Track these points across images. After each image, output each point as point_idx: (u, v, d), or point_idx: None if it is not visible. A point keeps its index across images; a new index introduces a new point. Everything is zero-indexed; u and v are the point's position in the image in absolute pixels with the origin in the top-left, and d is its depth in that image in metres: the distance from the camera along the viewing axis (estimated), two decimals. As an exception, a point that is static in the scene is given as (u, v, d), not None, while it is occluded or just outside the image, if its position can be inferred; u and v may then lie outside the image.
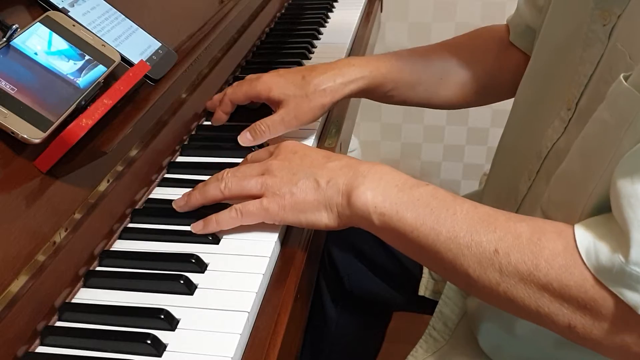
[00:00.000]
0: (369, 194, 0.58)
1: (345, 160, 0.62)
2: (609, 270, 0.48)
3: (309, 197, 0.60)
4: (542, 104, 0.70)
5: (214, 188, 0.63)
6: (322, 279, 0.96)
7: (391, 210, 0.57)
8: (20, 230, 0.53)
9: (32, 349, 0.52)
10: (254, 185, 0.62)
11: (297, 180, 0.61)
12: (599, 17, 0.59)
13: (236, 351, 0.51)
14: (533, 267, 0.51)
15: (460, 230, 0.54)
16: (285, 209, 0.60)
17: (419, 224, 0.56)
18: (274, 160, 0.63)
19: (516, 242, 0.52)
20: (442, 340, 0.82)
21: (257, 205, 0.61)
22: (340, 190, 0.60)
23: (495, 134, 1.81)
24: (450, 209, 0.56)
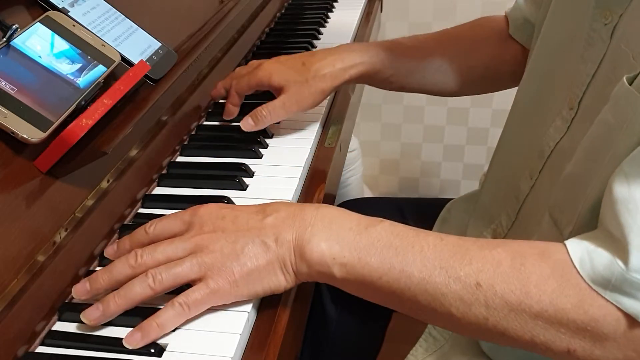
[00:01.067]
0: (324, 245, 0.53)
1: (283, 211, 0.56)
2: (607, 279, 0.46)
3: (260, 262, 0.53)
4: (543, 103, 0.70)
5: (141, 286, 0.52)
6: (322, 279, 0.96)
7: (352, 259, 0.52)
8: (20, 230, 0.53)
9: (32, 349, 0.52)
10: (190, 269, 0.52)
11: (242, 248, 0.53)
12: (599, 15, 0.59)
13: (236, 351, 0.51)
14: (523, 296, 0.48)
15: (434, 269, 0.50)
16: (237, 284, 0.52)
17: (386, 268, 0.51)
18: (201, 235, 0.54)
19: (498, 272, 0.49)
20: (441, 340, 0.82)
21: (204, 290, 0.52)
22: (292, 246, 0.53)
23: (495, 134, 1.81)
24: (415, 245, 0.52)
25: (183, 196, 0.71)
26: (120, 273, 0.54)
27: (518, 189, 0.72)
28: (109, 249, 0.59)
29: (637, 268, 0.45)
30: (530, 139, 0.71)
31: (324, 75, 0.79)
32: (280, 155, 0.78)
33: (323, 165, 0.78)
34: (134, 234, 0.58)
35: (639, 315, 0.46)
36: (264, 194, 0.69)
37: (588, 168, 0.55)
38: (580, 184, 0.56)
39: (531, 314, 0.48)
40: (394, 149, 1.92)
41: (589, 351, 0.47)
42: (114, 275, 0.54)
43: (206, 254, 0.53)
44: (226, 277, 0.52)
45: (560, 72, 0.67)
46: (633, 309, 0.45)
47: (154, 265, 0.53)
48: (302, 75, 0.79)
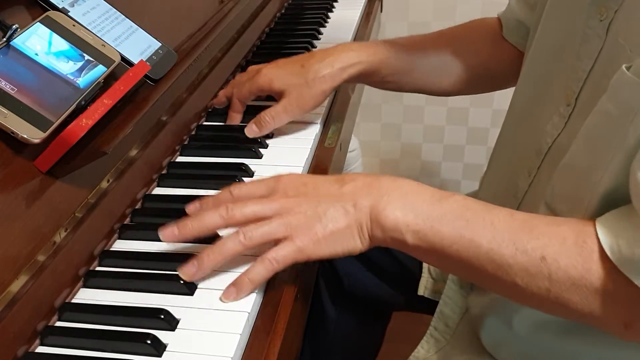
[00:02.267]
0: (399, 213, 0.56)
1: (360, 180, 0.60)
2: (631, 260, 0.48)
3: (340, 225, 0.57)
4: (540, 101, 0.71)
5: (233, 243, 0.57)
6: (321, 279, 0.96)
7: (425, 227, 0.55)
8: (20, 230, 0.53)
9: (32, 349, 0.52)
10: (277, 228, 0.57)
11: (324, 212, 0.57)
12: (595, 12, 0.60)
13: (236, 351, 0.51)
14: (584, 271, 0.50)
15: (502, 241, 0.53)
16: (320, 243, 0.57)
17: (457, 237, 0.54)
18: (286, 198, 0.59)
19: (563, 247, 0.51)
20: (443, 340, 0.82)
21: (291, 248, 0.56)
22: (368, 212, 0.57)
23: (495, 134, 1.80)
24: (486, 218, 0.54)
25: (183, 196, 0.71)
26: (210, 221, 0.58)
27: (517, 187, 0.73)
28: (191, 206, 0.61)
29: None
30: (528, 137, 0.71)
31: (323, 77, 0.80)
32: (280, 155, 0.78)
33: (323, 165, 0.78)
34: (218, 195, 0.61)
35: None
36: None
37: (590, 158, 0.56)
38: (583, 175, 0.56)
39: (591, 288, 0.50)
40: (394, 149, 1.92)
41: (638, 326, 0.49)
42: (204, 222, 0.58)
43: (292, 215, 0.57)
44: (310, 236, 0.56)
45: (557, 70, 0.67)
46: None
47: (242, 220, 0.57)
48: (302, 77, 0.80)
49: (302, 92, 0.79)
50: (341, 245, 0.58)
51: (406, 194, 0.57)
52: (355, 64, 0.82)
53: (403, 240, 0.56)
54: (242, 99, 0.84)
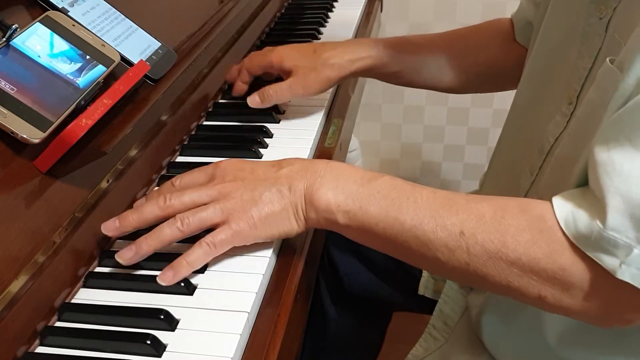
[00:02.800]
0: (330, 194, 0.58)
1: (298, 164, 0.62)
2: (588, 237, 0.49)
3: (275, 207, 0.59)
4: (542, 100, 0.71)
5: (171, 229, 0.58)
6: (321, 279, 0.96)
7: (354, 207, 0.58)
8: (20, 230, 0.52)
9: (31, 349, 0.52)
10: (214, 213, 0.58)
11: (260, 195, 0.59)
12: (595, 10, 0.61)
13: (236, 351, 0.51)
14: (500, 245, 0.52)
15: (424, 217, 0.55)
16: (256, 226, 0.58)
17: (383, 215, 0.56)
18: (223, 184, 0.60)
19: (480, 223, 0.53)
20: (441, 339, 0.82)
21: (227, 232, 0.58)
22: (303, 194, 0.59)
23: (495, 134, 1.80)
24: (410, 197, 0.57)
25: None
26: (149, 213, 0.59)
27: (518, 186, 0.73)
28: (138, 202, 0.64)
29: (613, 226, 0.48)
30: (530, 136, 0.72)
31: (332, 65, 0.84)
32: (280, 155, 0.77)
33: (323, 165, 0.78)
34: (161, 187, 0.64)
35: (615, 269, 0.48)
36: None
37: (576, 148, 0.57)
38: (570, 165, 0.58)
39: (507, 261, 0.52)
40: (394, 149, 1.92)
41: (558, 298, 0.52)
42: (144, 214, 0.59)
43: (228, 200, 0.59)
44: (246, 220, 0.58)
45: (558, 69, 0.68)
46: (611, 264, 0.48)
47: (181, 208, 0.59)
48: (312, 61, 0.84)
49: (308, 74, 0.83)
50: (277, 228, 0.59)
51: (338, 175, 0.60)
52: (364, 58, 0.85)
53: (335, 221, 0.59)
54: (251, 71, 0.87)
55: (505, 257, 0.52)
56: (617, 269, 0.48)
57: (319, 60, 0.84)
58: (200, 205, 0.59)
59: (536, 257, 0.51)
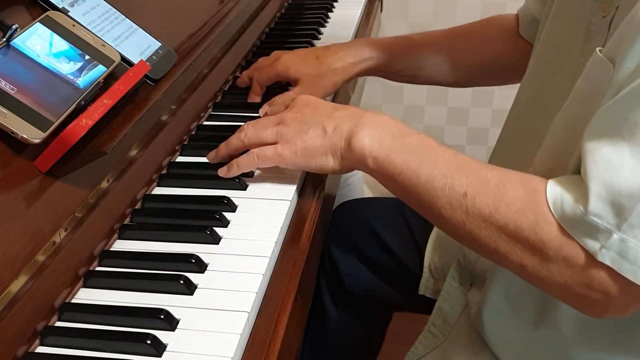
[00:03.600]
0: (367, 140, 0.64)
1: (351, 110, 0.68)
2: (572, 219, 0.52)
3: (317, 143, 0.66)
4: (544, 98, 0.71)
5: (235, 139, 0.70)
6: (322, 279, 0.96)
7: (383, 155, 0.63)
8: (20, 230, 0.52)
9: (32, 349, 0.52)
10: (270, 134, 0.68)
11: (307, 129, 0.67)
12: (598, 9, 0.61)
13: (236, 351, 0.51)
14: (494, 210, 0.55)
15: (438, 175, 0.59)
16: (297, 154, 0.67)
17: (405, 167, 0.61)
18: (288, 113, 0.70)
19: (483, 187, 0.56)
20: (441, 337, 0.82)
21: (273, 151, 0.67)
22: (344, 136, 0.65)
23: (495, 134, 1.80)
24: (433, 155, 0.61)
25: (183, 196, 0.71)
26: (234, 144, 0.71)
27: None
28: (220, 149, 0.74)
29: (594, 212, 0.50)
30: (532, 134, 0.72)
31: (335, 69, 0.86)
32: (280, 155, 0.78)
33: (323, 165, 0.78)
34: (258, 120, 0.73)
35: (595, 252, 0.51)
36: (263, 194, 0.69)
37: (564, 136, 0.59)
38: (561, 153, 0.59)
39: (497, 226, 0.55)
40: (394, 149, 1.92)
41: (537, 268, 0.54)
42: (230, 146, 0.72)
43: (284, 126, 0.69)
44: (291, 146, 0.67)
45: (561, 68, 0.68)
46: (592, 247, 0.51)
47: (255, 135, 0.70)
48: (316, 68, 0.86)
49: (314, 81, 0.86)
50: (314, 160, 0.67)
51: (379, 125, 0.65)
52: (367, 59, 0.88)
53: (365, 164, 0.64)
54: (262, 83, 0.89)
55: (496, 222, 0.55)
56: (597, 252, 0.50)
57: (323, 66, 0.86)
58: None
59: (521, 226, 0.54)
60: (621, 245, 0.49)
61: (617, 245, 0.50)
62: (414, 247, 0.91)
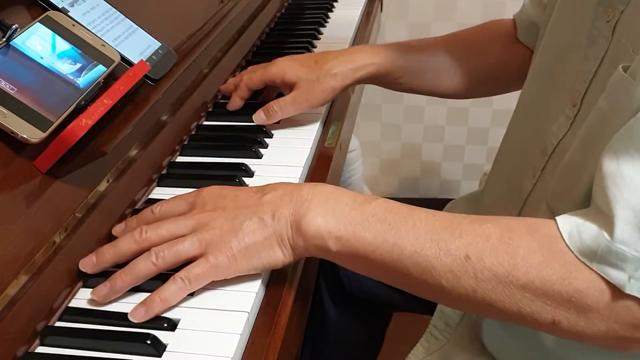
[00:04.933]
0: (320, 220, 0.55)
1: (282, 189, 0.58)
2: (594, 250, 0.47)
3: (257, 237, 0.55)
4: (547, 102, 0.71)
5: (144, 263, 0.55)
6: (322, 279, 0.96)
7: (347, 232, 0.54)
8: (20, 230, 0.52)
9: (31, 349, 0.52)
10: (191, 246, 0.55)
11: (240, 225, 0.55)
12: (602, 13, 0.61)
13: (236, 351, 0.51)
14: (511, 268, 0.49)
15: (426, 242, 0.52)
16: (236, 258, 0.55)
17: (380, 241, 0.53)
18: (202, 213, 0.57)
19: (487, 245, 0.50)
20: (443, 339, 0.82)
21: (204, 265, 0.54)
22: (288, 221, 0.56)
23: (495, 134, 1.81)
24: (408, 220, 0.53)
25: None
26: (125, 247, 0.57)
27: (521, 188, 0.73)
28: (117, 227, 0.62)
29: (622, 239, 0.46)
30: (534, 137, 0.72)
31: (335, 74, 0.82)
32: (280, 155, 0.78)
33: (323, 165, 0.78)
34: (140, 214, 0.61)
35: (624, 285, 0.47)
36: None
37: (585, 156, 0.57)
38: (578, 172, 0.57)
39: (518, 285, 0.49)
40: (394, 149, 1.92)
41: (574, 322, 0.49)
42: (120, 249, 0.57)
43: (206, 231, 0.55)
44: (225, 252, 0.54)
45: (564, 71, 0.68)
46: (618, 279, 0.47)
47: (158, 241, 0.56)
48: (314, 73, 0.82)
49: (312, 86, 0.81)
50: (260, 259, 0.56)
51: (327, 199, 0.56)
52: (367, 66, 0.84)
53: (326, 248, 0.55)
54: (251, 86, 0.85)
55: (516, 280, 0.49)
56: (625, 284, 0.47)
57: (321, 71, 0.82)
58: (178, 237, 0.56)
59: (550, 280, 0.48)
60: None
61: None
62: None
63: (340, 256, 0.55)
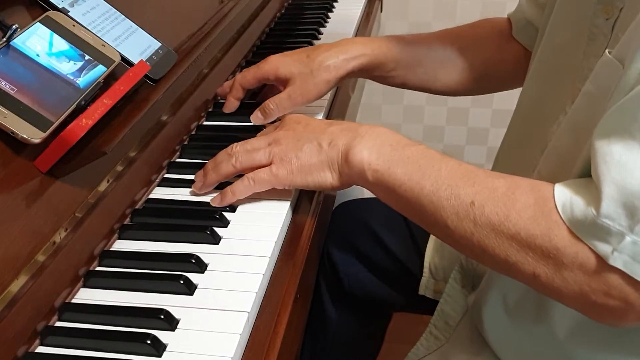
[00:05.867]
0: (365, 152, 0.62)
1: (346, 124, 0.67)
2: (582, 222, 0.50)
3: (313, 159, 0.65)
4: (547, 101, 0.71)
5: (226, 164, 0.67)
6: (322, 279, 0.96)
7: (383, 167, 0.61)
8: (20, 230, 0.52)
9: (32, 349, 0.52)
10: (262, 155, 0.66)
11: (302, 145, 0.65)
12: (601, 11, 0.61)
13: (236, 351, 0.51)
14: (504, 218, 0.54)
15: (442, 184, 0.58)
16: (293, 172, 0.65)
17: (407, 179, 0.60)
18: (279, 131, 0.67)
19: (492, 195, 0.55)
20: (442, 339, 0.82)
21: (268, 172, 0.65)
22: (340, 150, 0.64)
23: (495, 134, 1.81)
24: (436, 165, 0.59)
25: (183, 196, 0.71)
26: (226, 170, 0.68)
27: None
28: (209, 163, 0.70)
29: (606, 214, 0.49)
30: (534, 136, 0.72)
31: (327, 66, 0.82)
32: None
33: (323, 165, 0.78)
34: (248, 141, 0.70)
35: (607, 256, 0.49)
36: (263, 194, 0.69)
37: (570, 138, 0.59)
38: (568, 155, 0.58)
39: (508, 235, 0.54)
40: (394, 149, 1.92)
41: (550, 278, 0.53)
42: (222, 172, 0.68)
43: (277, 146, 0.66)
44: (286, 165, 0.65)
45: (564, 70, 0.68)
46: (604, 251, 0.50)
47: (247, 157, 0.67)
48: (307, 66, 0.82)
49: (306, 80, 0.81)
50: (312, 177, 0.65)
51: (377, 137, 0.63)
52: (359, 56, 0.84)
53: (365, 177, 0.62)
54: (245, 85, 0.85)
55: (507, 230, 0.53)
56: (609, 256, 0.49)
57: (314, 64, 0.82)
58: (259, 150, 0.66)
59: (534, 234, 0.52)
60: (634, 248, 0.48)
61: (630, 248, 0.48)
62: (414, 248, 0.91)
63: (375, 186, 0.63)
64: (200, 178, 0.69)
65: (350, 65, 0.83)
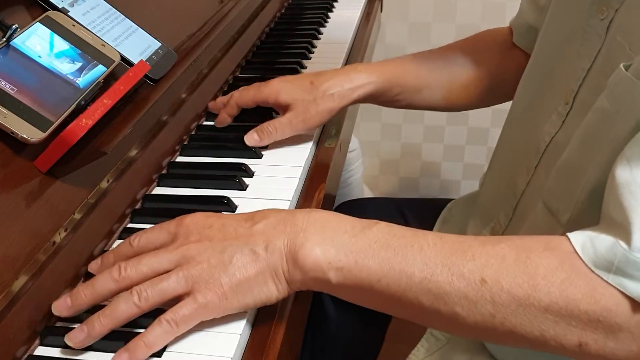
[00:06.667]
0: (318, 250, 0.51)
1: (273, 216, 0.54)
2: (610, 261, 0.45)
3: (249, 272, 0.51)
4: (540, 100, 0.71)
5: (126, 305, 0.50)
6: (322, 279, 0.95)
7: (349, 262, 0.50)
8: (20, 230, 0.52)
9: (31, 349, 0.52)
10: (176, 283, 0.50)
11: (230, 258, 0.51)
12: (596, 11, 0.61)
13: (236, 351, 0.51)
14: (531, 289, 0.46)
15: (436, 267, 0.48)
16: (226, 296, 0.50)
17: (386, 269, 0.49)
18: (187, 245, 0.52)
19: (503, 266, 0.47)
20: (443, 339, 0.82)
21: (192, 306, 0.50)
22: (283, 253, 0.51)
23: (495, 134, 1.81)
24: (415, 245, 0.50)
25: (183, 196, 0.71)
26: (103, 287, 0.52)
27: (515, 186, 0.73)
28: (93, 264, 0.57)
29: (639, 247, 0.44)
30: (528, 136, 0.72)
31: (331, 95, 0.79)
32: (280, 155, 0.78)
33: (323, 165, 0.78)
34: (117, 247, 0.57)
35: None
36: (263, 194, 0.69)
37: (584, 155, 0.56)
38: (577, 172, 0.57)
39: (540, 307, 0.46)
40: (394, 149, 1.92)
41: (602, 344, 0.46)
42: (97, 289, 0.52)
43: (193, 265, 0.51)
44: (214, 290, 0.50)
45: (558, 70, 0.68)
46: (637, 292, 0.44)
47: (139, 279, 0.51)
48: (311, 94, 0.79)
49: (308, 107, 0.78)
50: (252, 296, 0.51)
51: (324, 227, 0.52)
52: (364, 85, 0.82)
53: (326, 280, 0.51)
54: (241, 104, 0.82)
55: (538, 302, 0.46)
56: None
57: (318, 91, 0.79)
58: (160, 273, 0.51)
59: (575, 299, 0.45)
60: None
61: None
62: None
63: (342, 288, 0.52)
64: (81, 329, 0.50)
65: (355, 95, 0.81)
